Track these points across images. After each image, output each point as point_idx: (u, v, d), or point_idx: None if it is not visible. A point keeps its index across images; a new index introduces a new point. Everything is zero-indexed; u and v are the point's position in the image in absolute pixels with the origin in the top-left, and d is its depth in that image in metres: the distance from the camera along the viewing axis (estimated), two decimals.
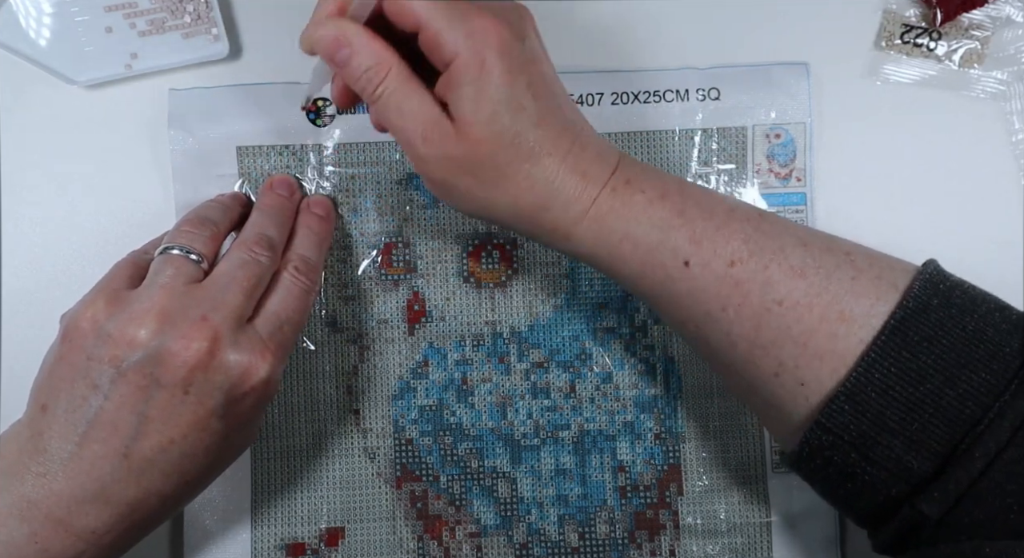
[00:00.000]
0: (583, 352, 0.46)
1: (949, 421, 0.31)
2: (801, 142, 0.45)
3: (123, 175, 0.45)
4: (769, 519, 0.45)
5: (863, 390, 0.32)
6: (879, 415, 0.32)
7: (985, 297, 0.34)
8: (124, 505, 0.35)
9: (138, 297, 0.36)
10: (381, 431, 0.45)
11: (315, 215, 0.43)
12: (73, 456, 0.34)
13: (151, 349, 0.34)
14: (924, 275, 0.33)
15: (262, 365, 0.36)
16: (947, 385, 0.31)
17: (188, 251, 0.38)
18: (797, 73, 0.45)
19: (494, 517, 0.45)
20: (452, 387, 0.45)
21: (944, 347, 0.32)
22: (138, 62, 0.44)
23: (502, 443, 0.45)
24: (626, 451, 0.45)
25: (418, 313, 0.45)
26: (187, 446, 0.35)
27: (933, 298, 0.32)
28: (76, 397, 0.35)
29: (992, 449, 0.31)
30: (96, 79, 0.44)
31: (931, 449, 0.32)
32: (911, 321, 0.32)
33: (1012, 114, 0.46)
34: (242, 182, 0.45)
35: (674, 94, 0.45)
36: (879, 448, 0.32)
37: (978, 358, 0.32)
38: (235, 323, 0.36)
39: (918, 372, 0.32)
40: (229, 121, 0.45)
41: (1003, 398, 0.31)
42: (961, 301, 0.33)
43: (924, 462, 0.32)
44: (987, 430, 0.31)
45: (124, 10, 0.44)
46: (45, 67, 0.44)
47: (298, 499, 0.45)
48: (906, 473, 0.32)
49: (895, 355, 0.32)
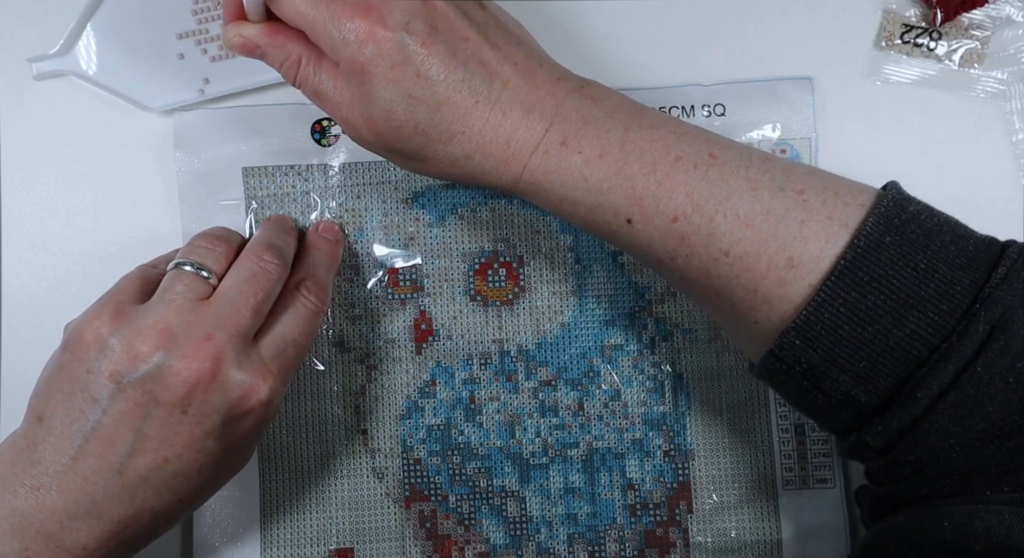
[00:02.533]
0: (591, 370, 0.46)
1: (896, 360, 0.31)
2: (807, 157, 0.45)
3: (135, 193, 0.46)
4: (780, 536, 0.45)
5: (812, 328, 0.32)
6: (829, 352, 0.32)
7: (943, 228, 0.32)
8: (116, 521, 0.35)
9: (144, 313, 0.36)
10: (389, 451, 0.45)
11: (325, 239, 0.43)
12: (67, 469, 0.34)
13: (152, 366, 0.34)
14: (879, 209, 0.32)
15: (263, 387, 0.36)
16: (895, 325, 0.31)
17: (199, 268, 0.38)
18: (801, 88, 0.45)
19: (503, 536, 0.45)
20: (460, 406, 0.45)
21: (894, 286, 0.31)
22: (210, 87, 0.45)
23: (510, 462, 0.45)
24: (635, 469, 0.45)
25: (425, 332, 0.45)
26: (181, 465, 0.35)
27: (886, 235, 0.31)
28: (74, 410, 0.34)
29: (935, 390, 0.30)
30: (170, 105, 0.45)
31: (878, 385, 0.32)
32: (860, 262, 0.31)
33: (1012, 114, 0.46)
34: (248, 205, 0.45)
35: (679, 110, 0.45)
36: (829, 381, 0.32)
37: (927, 298, 0.31)
38: (240, 342, 0.36)
39: (867, 312, 0.31)
40: (235, 142, 0.45)
41: (950, 339, 0.31)
42: (915, 236, 0.32)
43: (871, 397, 0.32)
44: (931, 372, 0.31)
45: (195, 37, 0.44)
46: (120, 95, 0.44)
47: (307, 520, 0.45)
48: (854, 404, 0.32)
49: (844, 296, 0.31)
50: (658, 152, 0.34)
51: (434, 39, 0.33)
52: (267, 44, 0.36)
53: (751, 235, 0.33)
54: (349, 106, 0.35)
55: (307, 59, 0.36)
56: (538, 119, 0.34)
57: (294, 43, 0.36)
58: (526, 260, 0.46)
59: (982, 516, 0.30)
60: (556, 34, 0.46)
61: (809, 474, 0.45)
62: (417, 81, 0.33)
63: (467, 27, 0.34)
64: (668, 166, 0.34)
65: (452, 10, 0.34)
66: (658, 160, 0.34)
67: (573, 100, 0.35)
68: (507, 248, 0.46)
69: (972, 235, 0.33)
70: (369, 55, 0.33)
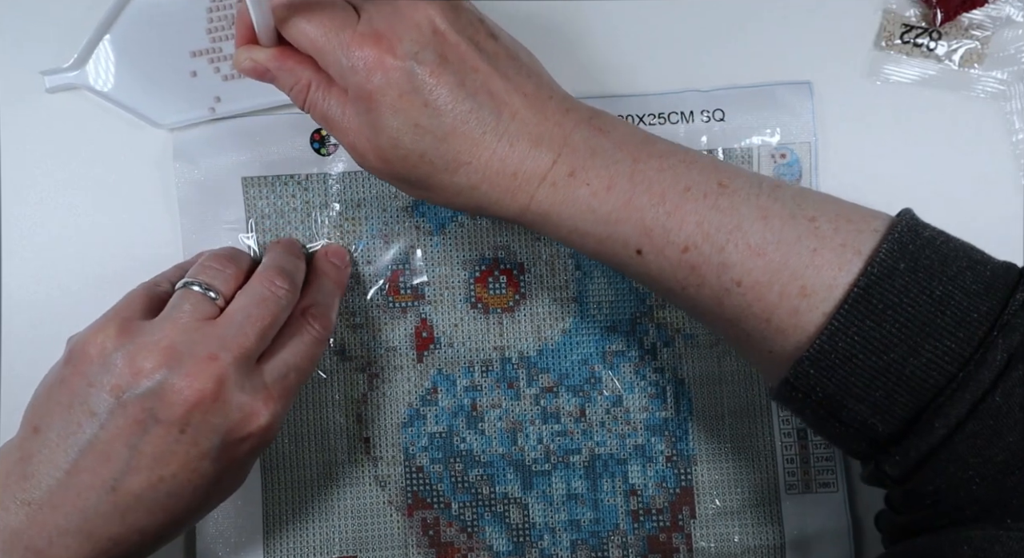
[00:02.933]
0: (592, 376, 0.46)
1: (913, 390, 0.31)
2: (807, 161, 0.45)
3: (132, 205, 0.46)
4: (783, 541, 0.45)
5: (827, 357, 0.31)
6: (844, 381, 0.32)
7: (958, 253, 0.32)
8: (106, 540, 0.34)
9: (150, 329, 0.36)
10: (392, 459, 0.45)
11: (332, 264, 0.43)
12: (60, 484, 0.34)
13: (154, 383, 0.34)
14: (892, 235, 0.32)
15: (263, 412, 0.36)
16: (911, 354, 0.31)
17: (207, 288, 0.38)
18: (801, 92, 0.45)
19: (506, 544, 0.45)
20: (462, 413, 0.45)
21: (909, 314, 0.31)
22: (221, 106, 0.45)
23: (513, 469, 0.45)
24: (638, 475, 0.45)
25: (426, 340, 0.45)
26: (175, 485, 0.35)
27: (900, 262, 0.31)
28: (71, 423, 0.34)
29: (952, 420, 0.30)
30: (180, 122, 0.45)
31: (895, 415, 0.31)
32: (874, 289, 0.31)
33: (1012, 114, 0.46)
34: (248, 221, 0.45)
35: (679, 116, 0.45)
36: (845, 410, 0.32)
37: (944, 325, 0.30)
38: (243, 365, 0.36)
39: (882, 341, 0.31)
40: (234, 152, 0.45)
41: (967, 368, 0.30)
42: (930, 262, 0.31)
43: (888, 426, 0.32)
44: (948, 401, 0.30)
45: (208, 55, 0.45)
46: (131, 111, 0.45)
47: (310, 529, 0.45)
48: (872, 433, 0.32)
49: (858, 325, 0.31)
50: (667, 182, 0.34)
51: (443, 69, 0.33)
52: (277, 68, 0.36)
53: (763, 264, 0.32)
54: (356, 132, 0.35)
55: (316, 84, 0.36)
56: (546, 150, 0.34)
57: (304, 68, 0.36)
58: (526, 267, 0.46)
59: (1003, 542, 0.29)
60: (555, 39, 0.46)
61: (812, 478, 0.45)
62: (424, 111, 0.33)
63: (477, 57, 0.34)
64: (677, 196, 0.33)
65: (463, 40, 0.34)
66: (667, 190, 0.34)
67: (582, 131, 0.35)
68: (507, 255, 0.46)
69: (989, 261, 0.32)
70: (377, 83, 0.33)
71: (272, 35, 0.35)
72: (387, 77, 0.33)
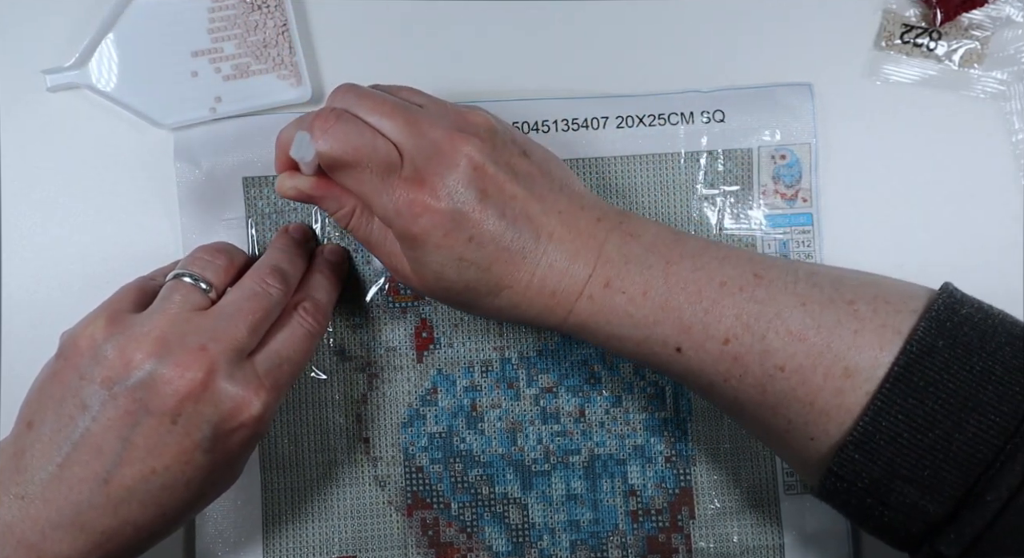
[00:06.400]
0: (592, 376, 0.46)
1: (960, 466, 0.31)
2: (807, 163, 0.45)
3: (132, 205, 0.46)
4: (782, 541, 0.45)
5: (871, 439, 0.32)
6: (890, 463, 0.32)
7: (997, 329, 0.33)
8: (99, 533, 0.34)
9: (140, 321, 0.36)
10: (391, 459, 0.45)
11: (329, 261, 0.43)
12: (53, 477, 0.34)
13: (145, 374, 0.34)
14: (930, 314, 0.32)
15: (255, 402, 0.36)
16: (956, 429, 0.31)
17: (198, 279, 0.38)
18: (801, 94, 0.45)
19: (506, 544, 0.45)
20: (461, 414, 0.45)
21: (950, 390, 0.31)
22: (222, 105, 0.45)
23: (512, 469, 0.45)
24: (637, 475, 0.45)
25: (426, 340, 0.45)
26: (168, 477, 0.35)
27: (938, 340, 0.32)
28: (64, 416, 0.34)
29: (1004, 493, 0.30)
30: (181, 122, 0.45)
31: (945, 493, 0.32)
32: (915, 367, 0.32)
33: (1012, 114, 0.46)
34: (248, 220, 0.45)
35: (679, 117, 0.45)
36: (894, 494, 0.32)
37: (986, 400, 0.31)
38: (234, 356, 0.36)
39: (925, 418, 0.31)
40: (235, 152, 0.45)
41: (1014, 440, 0.31)
42: (969, 338, 0.32)
43: (939, 506, 0.32)
44: (998, 474, 0.31)
45: (210, 55, 0.45)
46: (132, 110, 0.45)
47: (309, 529, 0.45)
48: (923, 515, 0.32)
49: (901, 403, 0.32)
50: (702, 280, 0.35)
51: (485, 205, 0.34)
52: (322, 197, 0.37)
53: (805, 348, 0.33)
54: (399, 259, 0.37)
55: (360, 211, 0.37)
56: (582, 266, 0.35)
57: (348, 197, 0.37)
58: None
59: None
60: (556, 40, 0.46)
61: None
62: (469, 245, 0.34)
63: (514, 185, 0.35)
64: (714, 292, 0.34)
65: (500, 170, 0.35)
66: (703, 288, 0.34)
67: (614, 240, 0.36)
68: None
69: None
70: (423, 226, 0.34)
71: (314, 166, 0.36)
72: (432, 220, 0.34)
